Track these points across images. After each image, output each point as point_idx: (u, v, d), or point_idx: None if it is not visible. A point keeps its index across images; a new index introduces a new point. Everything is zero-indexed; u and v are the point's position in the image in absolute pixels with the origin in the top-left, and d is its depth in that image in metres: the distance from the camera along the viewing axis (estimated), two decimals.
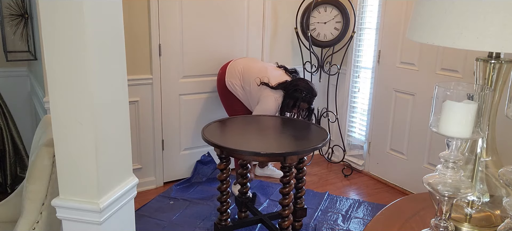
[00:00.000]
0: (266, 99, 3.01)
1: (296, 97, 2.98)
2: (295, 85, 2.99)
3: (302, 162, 2.66)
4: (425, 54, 3.21)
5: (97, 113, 1.24)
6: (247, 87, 3.13)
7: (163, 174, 3.51)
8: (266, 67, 3.16)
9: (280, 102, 3.03)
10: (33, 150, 1.78)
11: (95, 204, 1.29)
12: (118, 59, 1.34)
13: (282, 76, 3.08)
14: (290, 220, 2.49)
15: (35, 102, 3.36)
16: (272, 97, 3.00)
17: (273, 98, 3.00)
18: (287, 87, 3.00)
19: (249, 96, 3.16)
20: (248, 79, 3.12)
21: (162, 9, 3.17)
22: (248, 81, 3.12)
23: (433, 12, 0.99)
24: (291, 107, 3.03)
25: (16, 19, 3.24)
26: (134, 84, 3.14)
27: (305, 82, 3.03)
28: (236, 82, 3.18)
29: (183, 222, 2.92)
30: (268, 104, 3.00)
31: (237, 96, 3.24)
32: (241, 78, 3.16)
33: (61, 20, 1.17)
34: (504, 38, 0.88)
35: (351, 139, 4.07)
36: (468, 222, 1.16)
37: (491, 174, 1.15)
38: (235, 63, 3.25)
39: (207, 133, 2.51)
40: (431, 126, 1.04)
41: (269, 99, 3.00)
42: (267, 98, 3.01)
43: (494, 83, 1.10)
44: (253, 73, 3.10)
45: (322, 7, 3.67)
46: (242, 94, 3.20)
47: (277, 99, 3.01)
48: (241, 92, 3.19)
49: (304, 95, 2.98)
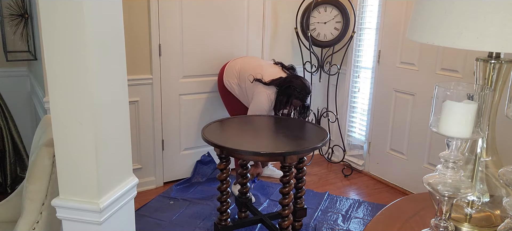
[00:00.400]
0: (258, 96, 2.98)
1: (289, 94, 2.94)
2: (289, 82, 2.95)
3: (302, 162, 2.66)
4: (425, 54, 3.21)
5: (97, 113, 1.24)
6: (243, 84, 3.12)
7: (163, 174, 3.51)
8: (261, 65, 3.14)
9: (272, 99, 2.98)
10: (33, 150, 1.78)
11: (95, 204, 1.29)
12: (118, 59, 1.34)
13: (277, 73, 3.04)
14: (290, 220, 2.49)
15: (35, 102, 3.36)
16: (264, 94, 2.97)
17: (266, 94, 2.96)
18: (280, 84, 2.95)
19: (245, 93, 3.14)
20: (243, 77, 3.11)
21: (162, 9, 3.17)
22: (243, 78, 3.11)
23: (433, 12, 0.99)
24: (285, 104, 2.99)
25: (16, 19, 3.24)
26: (134, 84, 3.14)
27: (299, 79, 2.99)
28: (233, 81, 3.18)
29: (183, 222, 2.92)
30: (260, 100, 2.97)
31: (236, 95, 3.23)
32: (238, 77, 3.15)
33: (61, 20, 1.17)
34: (504, 38, 0.88)
35: (351, 139, 4.07)
36: (468, 222, 1.16)
37: (491, 174, 1.15)
38: (234, 63, 3.24)
39: (207, 132, 2.51)
40: (431, 126, 1.04)
41: (262, 96, 2.97)
42: (259, 95, 2.98)
43: (494, 83, 1.10)
44: (249, 70, 3.09)
45: (322, 7, 3.67)
46: (239, 93, 3.19)
47: (270, 96, 2.97)
48: (238, 90, 3.18)
49: (297, 93, 2.93)
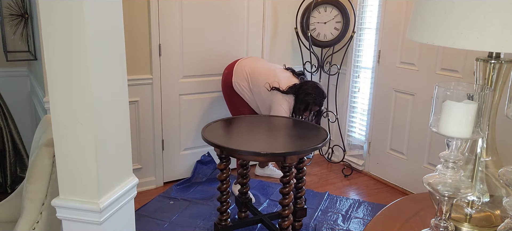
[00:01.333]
0: (280, 103, 3.02)
1: (307, 102, 3.01)
2: (305, 89, 3.01)
3: (302, 162, 2.66)
4: (425, 54, 3.21)
5: (97, 113, 1.24)
6: (256, 89, 3.13)
7: (163, 174, 3.51)
8: (274, 70, 3.15)
9: (292, 105, 3.05)
10: (33, 150, 1.78)
11: (95, 204, 1.29)
12: (118, 59, 1.34)
13: (290, 79, 3.09)
14: (290, 220, 2.49)
15: (35, 102, 3.36)
16: (285, 102, 3.02)
17: (286, 102, 3.02)
18: (297, 91, 3.01)
19: (258, 99, 3.15)
20: (256, 83, 3.11)
21: (162, 9, 3.17)
22: (257, 84, 3.11)
23: (433, 12, 0.99)
24: (303, 111, 3.05)
25: (16, 19, 3.24)
26: (134, 84, 3.14)
27: (314, 85, 3.05)
28: (243, 84, 3.17)
29: (183, 222, 2.92)
30: (281, 108, 3.01)
31: (244, 98, 3.22)
32: (249, 80, 3.15)
33: (61, 20, 1.17)
34: (504, 38, 0.88)
35: (351, 139, 4.07)
36: (468, 222, 1.16)
37: (491, 174, 1.15)
38: (242, 64, 3.22)
39: (207, 132, 2.51)
40: (431, 126, 1.04)
41: (283, 103, 3.02)
42: (280, 102, 3.02)
43: (494, 83, 1.10)
44: (262, 77, 3.10)
45: (322, 7, 3.67)
46: (249, 97, 3.19)
47: (290, 103, 3.04)
48: (249, 94, 3.18)
49: (313, 98, 3.00)
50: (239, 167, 2.94)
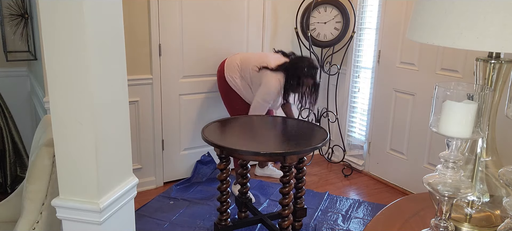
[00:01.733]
0: (268, 80, 2.94)
1: (298, 75, 2.91)
2: (295, 63, 2.92)
3: (302, 162, 2.66)
4: (425, 54, 3.21)
5: (97, 113, 1.24)
6: (247, 75, 3.10)
7: (163, 174, 3.51)
8: (264, 54, 3.16)
9: (283, 83, 2.95)
10: (33, 150, 1.78)
11: (95, 204, 1.29)
12: (118, 59, 1.34)
13: (280, 59, 3.04)
14: (290, 220, 2.49)
15: (35, 102, 3.36)
16: (274, 78, 2.93)
17: (276, 78, 2.93)
18: (287, 68, 2.93)
19: (250, 84, 3.12)
20: (247, 68, 3.10)
21: (162, 9, 3.17)
22: (247, 70, 3.09)
23: (433, 12, 0.99)
24: (296, 87, 2.95)
25: (16, 19, 3.24)
26: (134, 84, 3.14)
27: (304, 58, 2.98)
28: (235, 75, 3.16)
29: (183, 222, 2.92)
30: (271, 83, 2.92)
31: (237, 90, 3.20)
32: (240, 69, 3.14)
33: (61, 20, 1.17)
34: (504, 38, 0.88)
35: (351, 139, 4.07)
36: (468, 222, 1.15)
37: (491, 174, 1.15)
38: (233, 57, 3.24)
39: (207, 132, 2.51)
40: (431, 126, 1.04)
41: (272, 79, 2.93)
42: (269, 79, 2.93)
43: (494, 83, 1.10)
44: (252, 61, 3.08)
45: (322, 7, 3.67)
46: (241, 86, 3.17)
47: (280, 80, 2.94)
48: (241, 83, 3.16)
49: (306, 71, 2.90)
50: (238, 167, 2.94)
